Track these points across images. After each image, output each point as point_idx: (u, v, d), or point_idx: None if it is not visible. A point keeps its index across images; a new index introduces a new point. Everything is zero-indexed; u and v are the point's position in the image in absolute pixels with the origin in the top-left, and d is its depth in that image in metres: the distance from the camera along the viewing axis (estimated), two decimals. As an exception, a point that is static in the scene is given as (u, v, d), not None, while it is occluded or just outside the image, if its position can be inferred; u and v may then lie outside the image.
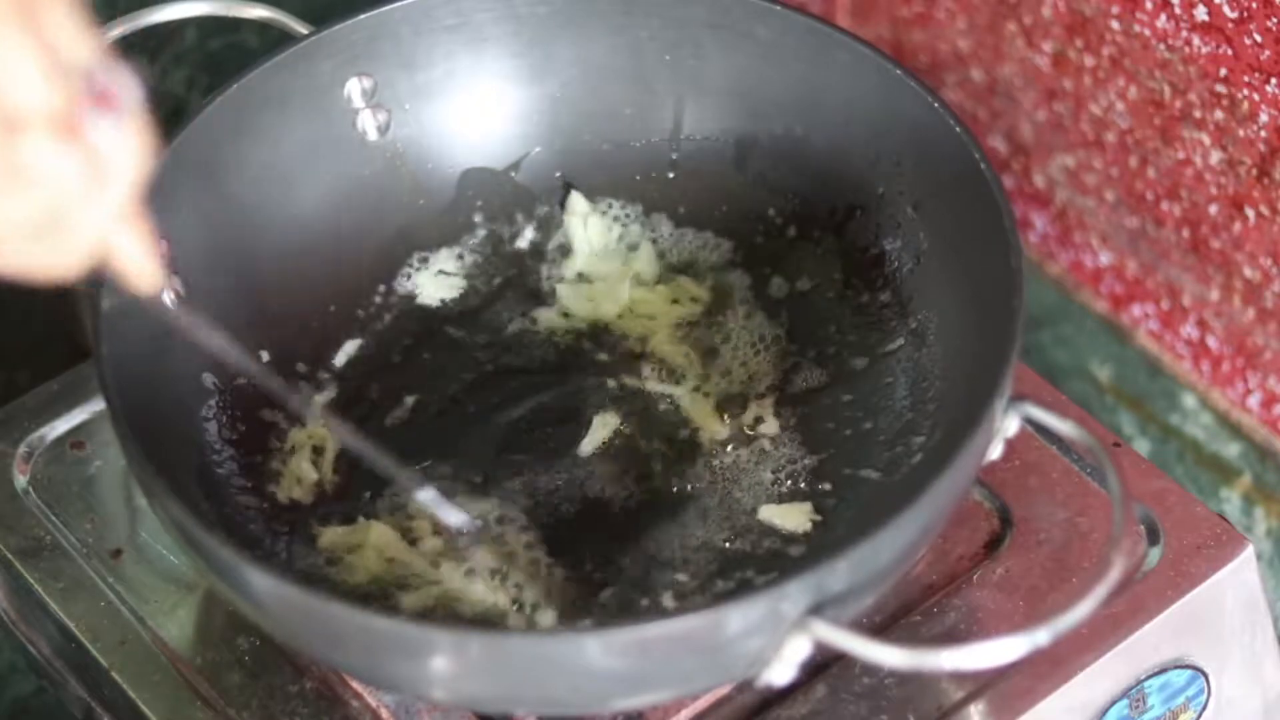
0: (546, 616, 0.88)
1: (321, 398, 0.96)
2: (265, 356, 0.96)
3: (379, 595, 0.89)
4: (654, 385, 0.97)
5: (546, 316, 1.00)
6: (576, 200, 1.01)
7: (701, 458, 0.94)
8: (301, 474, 0.93)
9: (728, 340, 0.99)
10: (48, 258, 0.67)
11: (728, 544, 0.91)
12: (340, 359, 0.98)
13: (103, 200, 0.66)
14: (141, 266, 0.70)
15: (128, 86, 0.66)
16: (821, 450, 0.94)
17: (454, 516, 0.89)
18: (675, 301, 1.00)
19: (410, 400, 0.97)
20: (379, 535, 0.91)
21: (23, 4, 0.63)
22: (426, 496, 0.88)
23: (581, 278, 1.01)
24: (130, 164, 0.66)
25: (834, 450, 0.94)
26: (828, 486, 0.93)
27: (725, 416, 0.96)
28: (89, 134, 0.65)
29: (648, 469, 0.94)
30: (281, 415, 0.94)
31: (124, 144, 0.66)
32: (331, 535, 0.91)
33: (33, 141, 0.64)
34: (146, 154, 0.67)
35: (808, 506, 0.92)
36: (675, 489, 0.93)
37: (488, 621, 0.88)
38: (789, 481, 0.93)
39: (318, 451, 0.94)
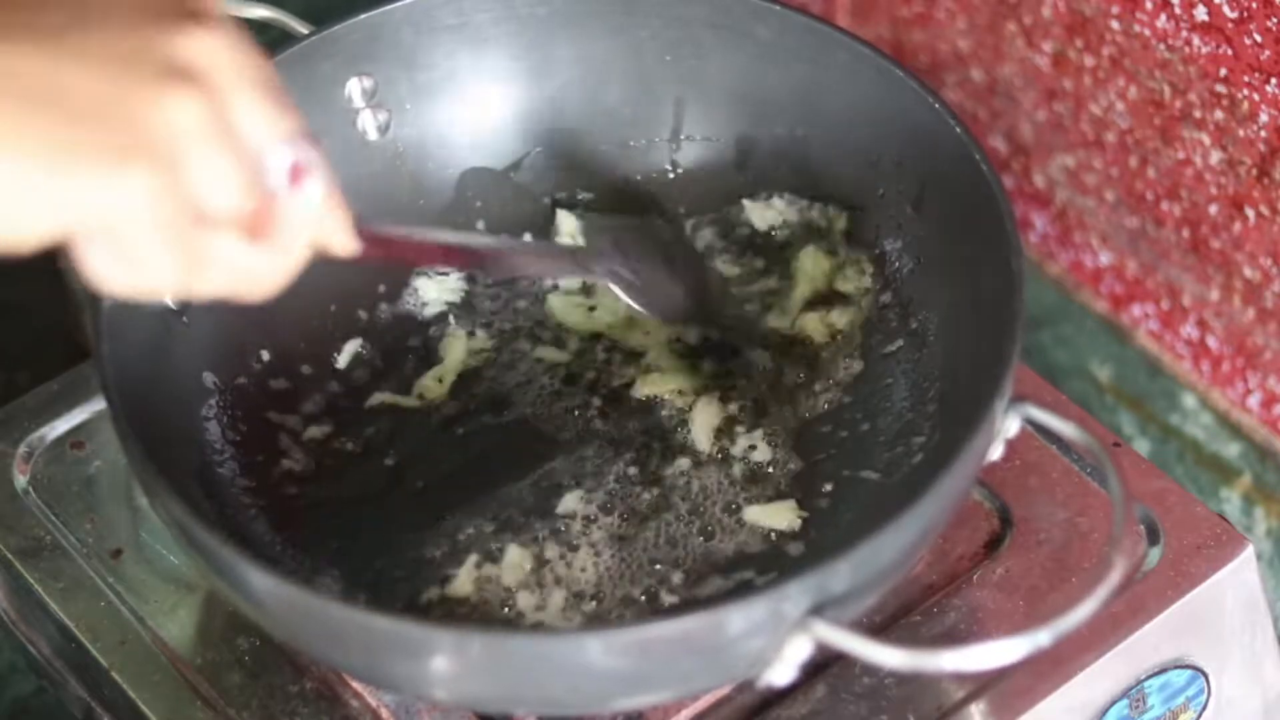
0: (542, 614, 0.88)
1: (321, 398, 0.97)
2: (266, 356, 0.96)
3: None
4: (651, 389, 0.97)
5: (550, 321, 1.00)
6: (564, 220, 1.01)
7: (696, 460, 0.94)
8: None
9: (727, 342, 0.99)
10: (253, 290, 0.70)
11: (721, 544, 0.91)
12: (342, 360, 0.98)
13: (283, 268, 0.69)
14: (344, 246, 0.72)
15: (311, 153, 0.68)
16: (821, 451, 0.94)
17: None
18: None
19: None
20: None
21: (214, 105, 0.65)
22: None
23: (573, 291, 1.01)
24: (311, 229, 0.69)
25: (834, 451, 0.94)
26: (828, 487, 0.93)
27: (722, 419, 0.95)
28: (276, 227, 0.68)
29: (644, 473, 0.94)
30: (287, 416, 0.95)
31: (308, 213, 0.69)
32: None
33: (222, 240, 0.67)
34: (333, 200, 0.70)
35: (792, 503, 0.92)
36: (670, 492, 0.93)
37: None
38: (783, 482, 0.93)
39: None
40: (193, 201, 0.65)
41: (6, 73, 0.62)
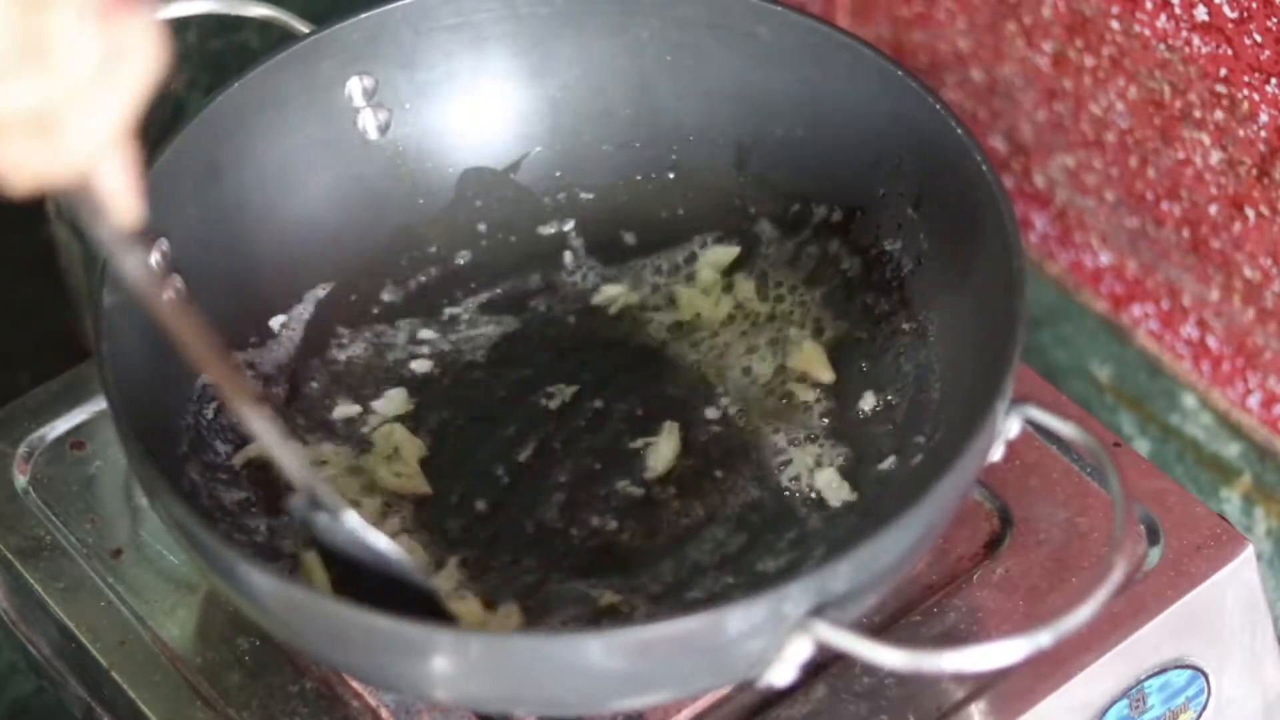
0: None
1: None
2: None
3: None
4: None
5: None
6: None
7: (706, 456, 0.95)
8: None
9: (727, 343, 0.99)
10: (38, 156, 0.63)
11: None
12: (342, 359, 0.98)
13: (110, 102, 0.63)
14: (123, 196, 0.67)
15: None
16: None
17: (384, 543, 0.84)
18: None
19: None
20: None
21: None
22: (353, 521, 0.82)
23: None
24: (142, 69, 0.64)
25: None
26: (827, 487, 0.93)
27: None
28: (114, 20, 0.62)
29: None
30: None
31: (141, 43, 0.63)
32: None
33: (59, 18, 0.61)
34: (157, 62, 0.64)
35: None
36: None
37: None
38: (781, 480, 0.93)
39: None
40: None
41: None
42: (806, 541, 0.91)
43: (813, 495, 0.93)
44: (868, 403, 0.95)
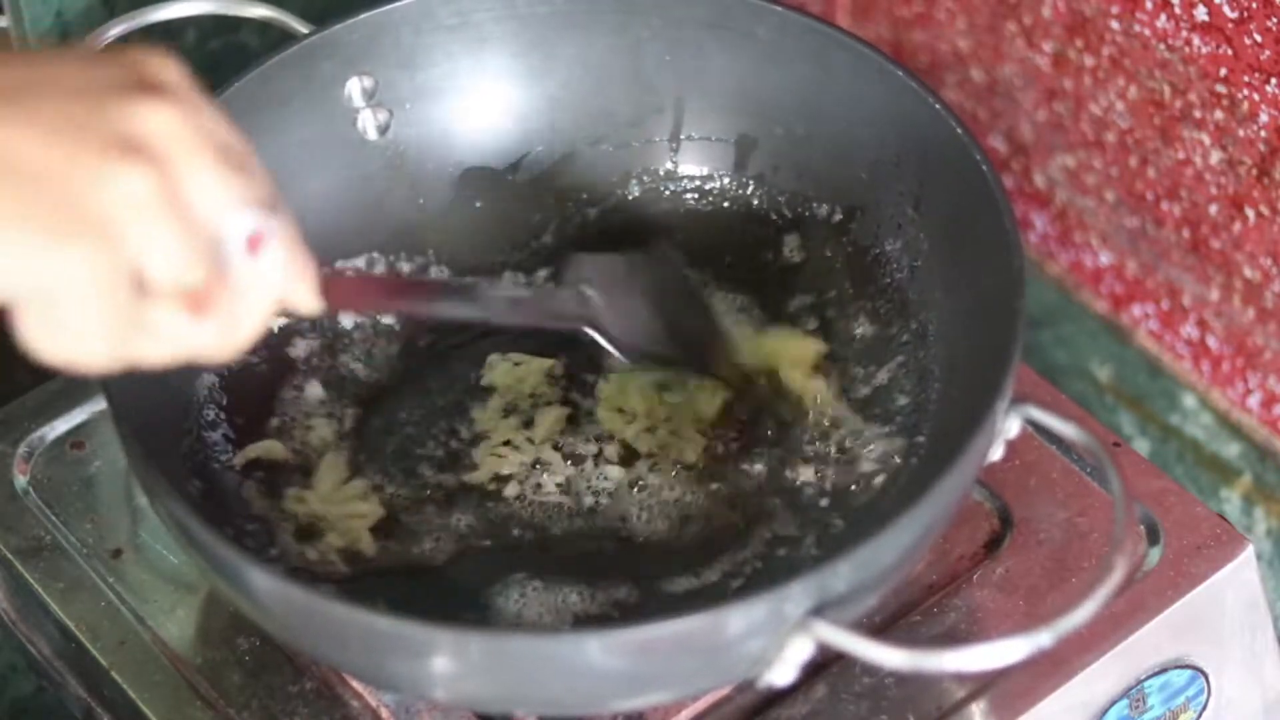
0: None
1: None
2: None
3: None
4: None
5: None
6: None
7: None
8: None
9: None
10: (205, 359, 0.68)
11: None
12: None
13: (230, 341, 0.68)
14: (309, 306, 0.71)
15: (272, 221, 0.67)
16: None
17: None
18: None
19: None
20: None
21: (166, 184, 0.64)
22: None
23: None
24: (278, 287, 0.68)
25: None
26: (828, 487, 0.93)
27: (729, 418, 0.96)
28: (218, 306, 0.66)
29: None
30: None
31: (271, 277, 0.68)
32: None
33: (164, 312, 0.65)
34: (300, 274, 0.69)
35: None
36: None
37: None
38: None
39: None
40: (134, 274, 0.64)
41: None
42: (803, 540, 0.91)
43: (807, 492, 0.93)
44: (867, 402, 0.95)
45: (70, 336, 0.65)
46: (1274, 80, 1.01)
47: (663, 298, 0.95)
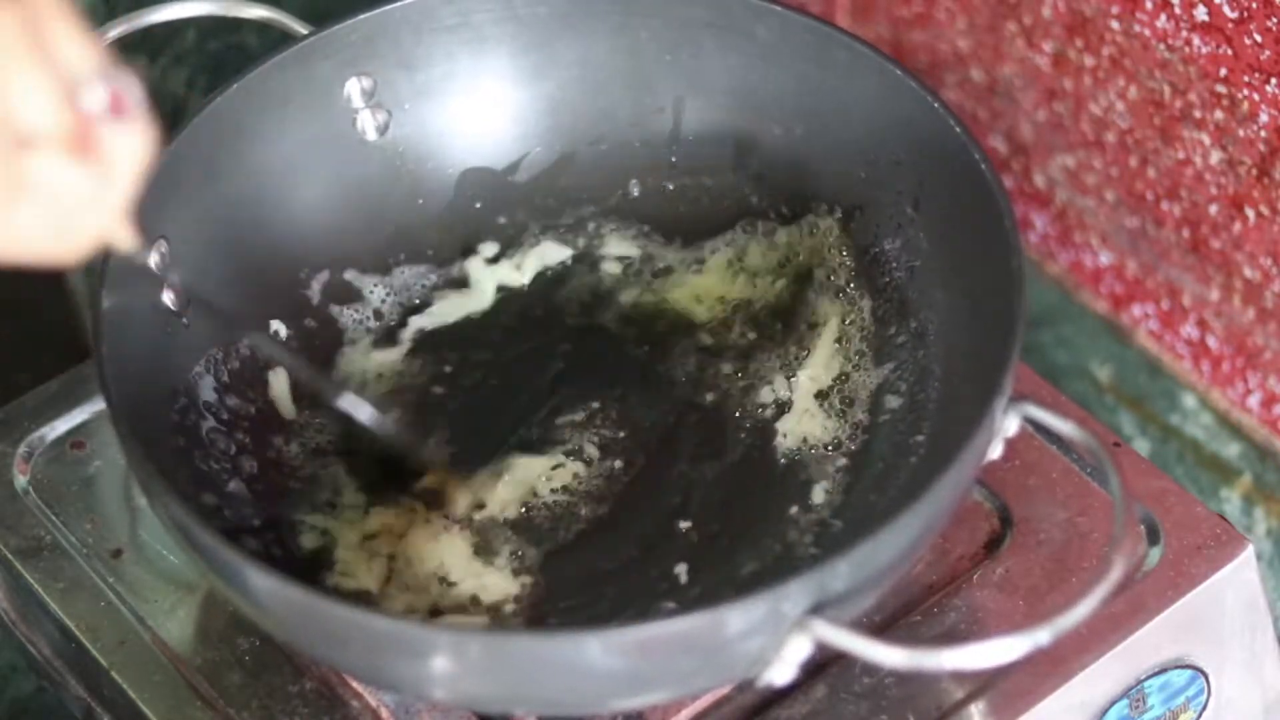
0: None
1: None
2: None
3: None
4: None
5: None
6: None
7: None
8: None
9: (727, 343, 0.99)
10: (46, 250, 0.67)
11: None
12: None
13: (107, 201, 0.67)
14: (126, 239, 0.70)
15: (132, 89, 0.67)
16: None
17: (365, 413, 0.90)
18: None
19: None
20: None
21: (27, 22, 0.64)
22: (347, 401, 0.89)
23: None
24: (135, 159, 0.67)
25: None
26: (829, 487, 0.93)
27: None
28: (98, 146, 0.65)
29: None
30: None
31: (131, 146, 0.67)
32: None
33: (43, 159, 0.65)
34: (150, 152, 0.67)
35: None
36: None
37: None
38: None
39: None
40: (5, 115, 0.63)
41: None
42: (800, 539, 0.91)
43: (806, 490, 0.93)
44: (867, 401, 0.95)
45: None
46: (1274, 80, 1.01)
47: None
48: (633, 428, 0.96)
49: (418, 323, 1.00)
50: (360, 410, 0.90)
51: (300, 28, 0.98)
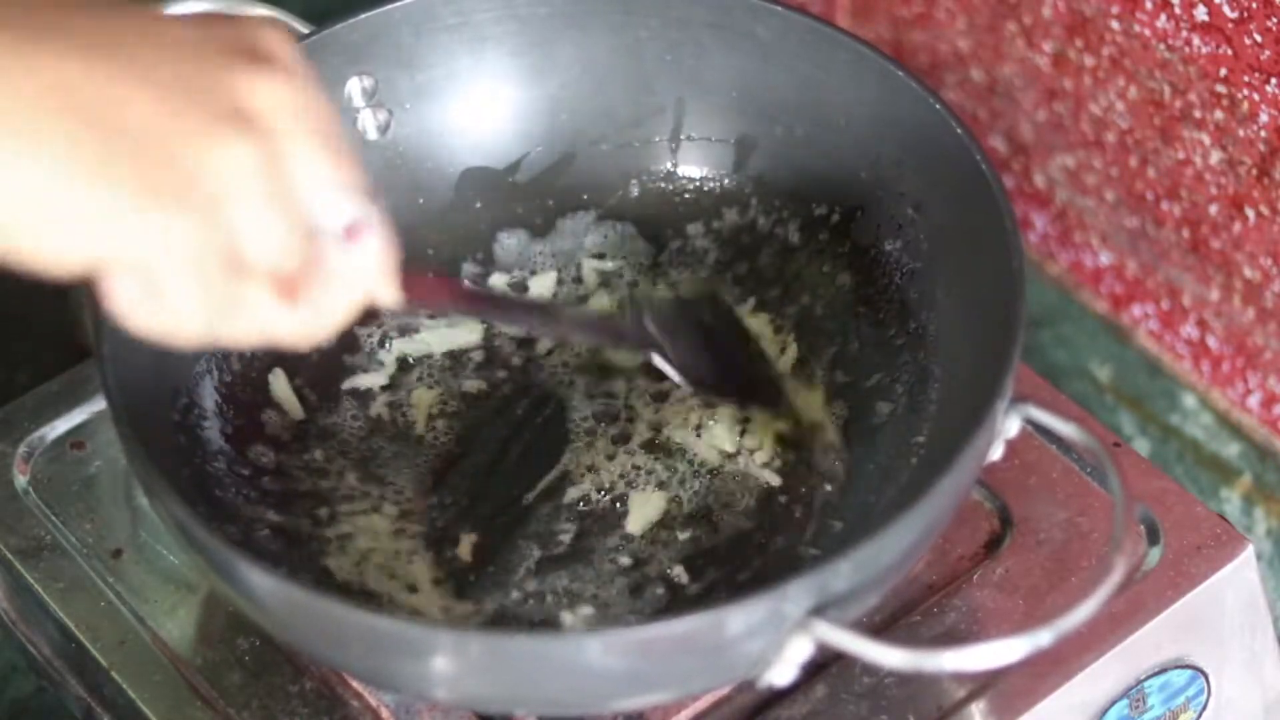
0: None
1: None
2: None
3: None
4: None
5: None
6: (589, 270, 1.01)
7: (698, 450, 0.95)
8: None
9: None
10: (291, 344, 0.68)
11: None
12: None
13: (335, 313, 0.67)
14: (389, 299, 0.70)
15: (370, 211, 0.67)
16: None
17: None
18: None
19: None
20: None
21: (272, 160, 0.63)
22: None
23: None
24: (369, 277, 0.68)
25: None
26: (829, 487, 0.93)
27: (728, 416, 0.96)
28: (315, 285, 0.66)
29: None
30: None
31: (364, 266, 0.67)
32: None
33: (254, 290, 0.64)
34: (389, 261, 0.68)
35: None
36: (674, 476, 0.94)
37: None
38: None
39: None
40: (233, 249, 0.63)
41: (65, 85, 0.60)
42: (800, 540, 0.91)
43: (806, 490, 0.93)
44: (867, 402, 0.95)
45: (162, 307, 0.63)
46: (1274, 80, 1.01)
47: (718, 337, 0.96)
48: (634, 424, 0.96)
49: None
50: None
51: (301, 27, 0.98)
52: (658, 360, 0.92)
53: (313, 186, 0.65)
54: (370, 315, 0.92)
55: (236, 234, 0.63)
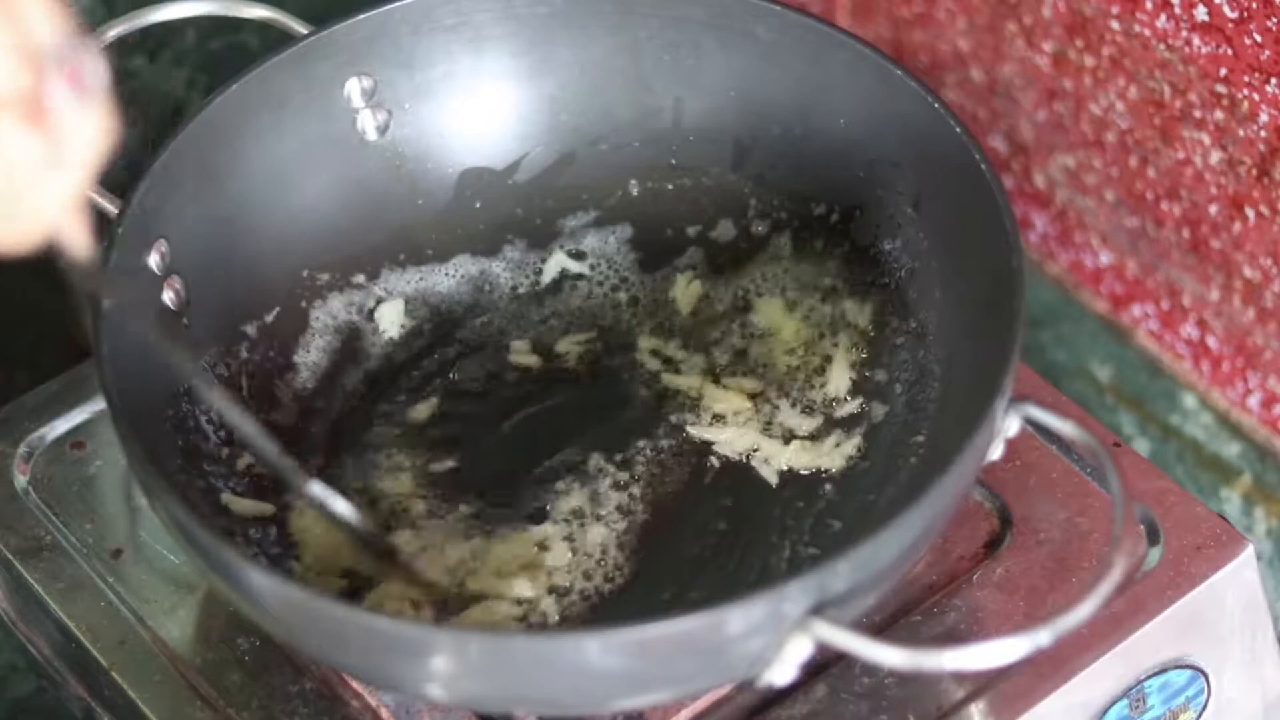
0: None
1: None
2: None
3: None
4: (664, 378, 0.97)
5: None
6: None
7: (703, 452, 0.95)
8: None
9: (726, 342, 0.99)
10: (21, 213, 0.65)
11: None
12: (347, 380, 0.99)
13: (61, 180, 0.65)
14: (80, 240, 0.69)
15: (94, 67, 0.65)
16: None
17: (342, 507, 0.87)
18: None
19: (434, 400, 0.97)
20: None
21: None
22: (315, 490, 0.86)
23: None
24: (92, 145, 0.66)
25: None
26: (828, 488, 0.93)
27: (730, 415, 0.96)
28: (54, 116, 0.64)
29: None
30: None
31: (88, 124, 0.65)
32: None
33: None
34: (107, 135, 0.66)
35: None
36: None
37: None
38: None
39: None
40: None
41: None
42: (800, 539, 0.91)
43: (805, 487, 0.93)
44: (866, 401, 0.95)
45: None
46: (1274, 80, 1.01)
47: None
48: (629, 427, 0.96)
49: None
50: (332, 501, 0.87)
51: (300, 28, 0.98)
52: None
53: (34, 15, 0.64)
54: None
55: None
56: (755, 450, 0.94)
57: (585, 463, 0.94)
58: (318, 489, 0.86)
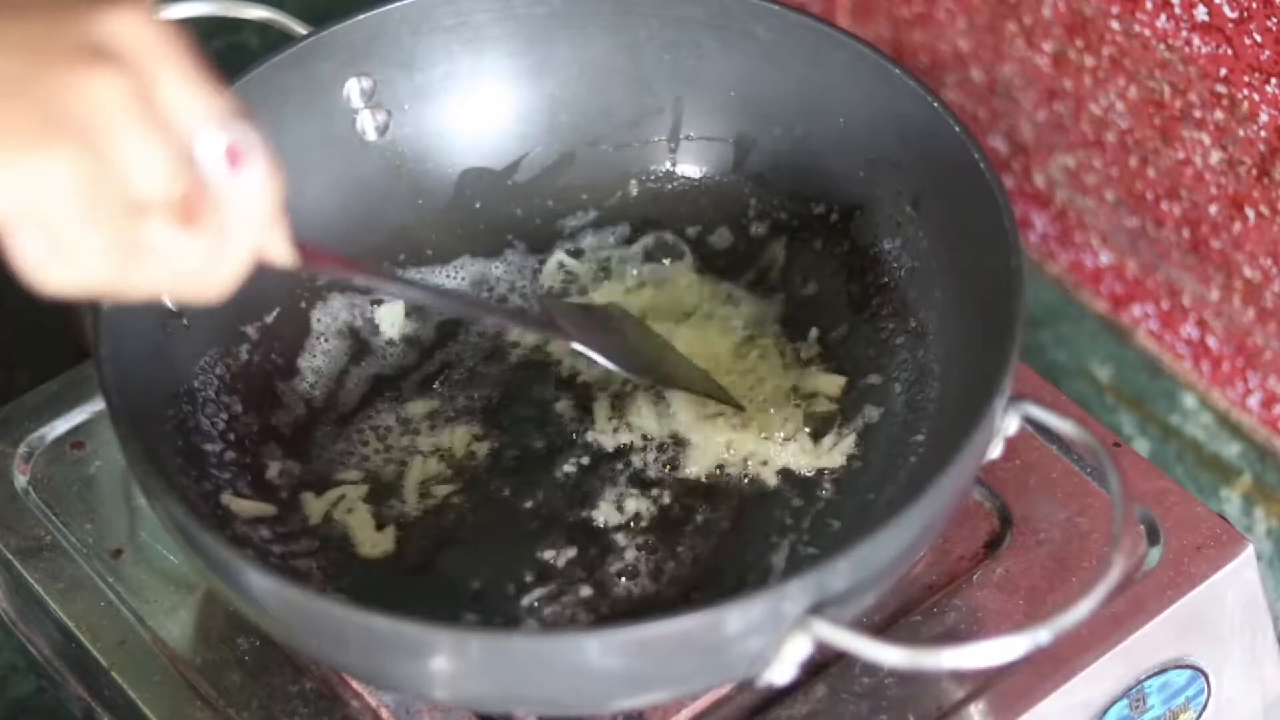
0: None
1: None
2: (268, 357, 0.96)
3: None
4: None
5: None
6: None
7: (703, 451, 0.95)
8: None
9: (724, 339, 0.99)
10: (184, 294, 0.67)
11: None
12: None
13: (229, 255, 0.67)
14: (282, 254, 0.71)
15: (249, 137, 0.66)
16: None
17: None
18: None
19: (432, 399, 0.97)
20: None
21: (135, 84, 0.63)
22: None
23: None
24: (258, 213, 0.67)
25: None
26: (828, 488, 0.93)
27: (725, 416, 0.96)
28: (214, 204, 0.65)
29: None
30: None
31: (252, 197, 0.67)
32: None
33: (156, 227, 0.64)
34: (276, 197, 0.68)
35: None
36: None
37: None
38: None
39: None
40: (119, 184, 0.63)
41: None
42: (800, 539, 0.91)
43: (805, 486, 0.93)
44: (866, 401, 0.95)
45: (66, 258, 0.64)
46: (1274, 80, 1.01)
47: (633, 337, 0.96)
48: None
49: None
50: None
51: (300, 28, 0.98)
52: (578, 345, 0.91)
53: (184, 110, 0.65)
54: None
55: (117, 167, 0.63)
56: (754, 451, 0.94)
57: (585, 460, 0.94)
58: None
